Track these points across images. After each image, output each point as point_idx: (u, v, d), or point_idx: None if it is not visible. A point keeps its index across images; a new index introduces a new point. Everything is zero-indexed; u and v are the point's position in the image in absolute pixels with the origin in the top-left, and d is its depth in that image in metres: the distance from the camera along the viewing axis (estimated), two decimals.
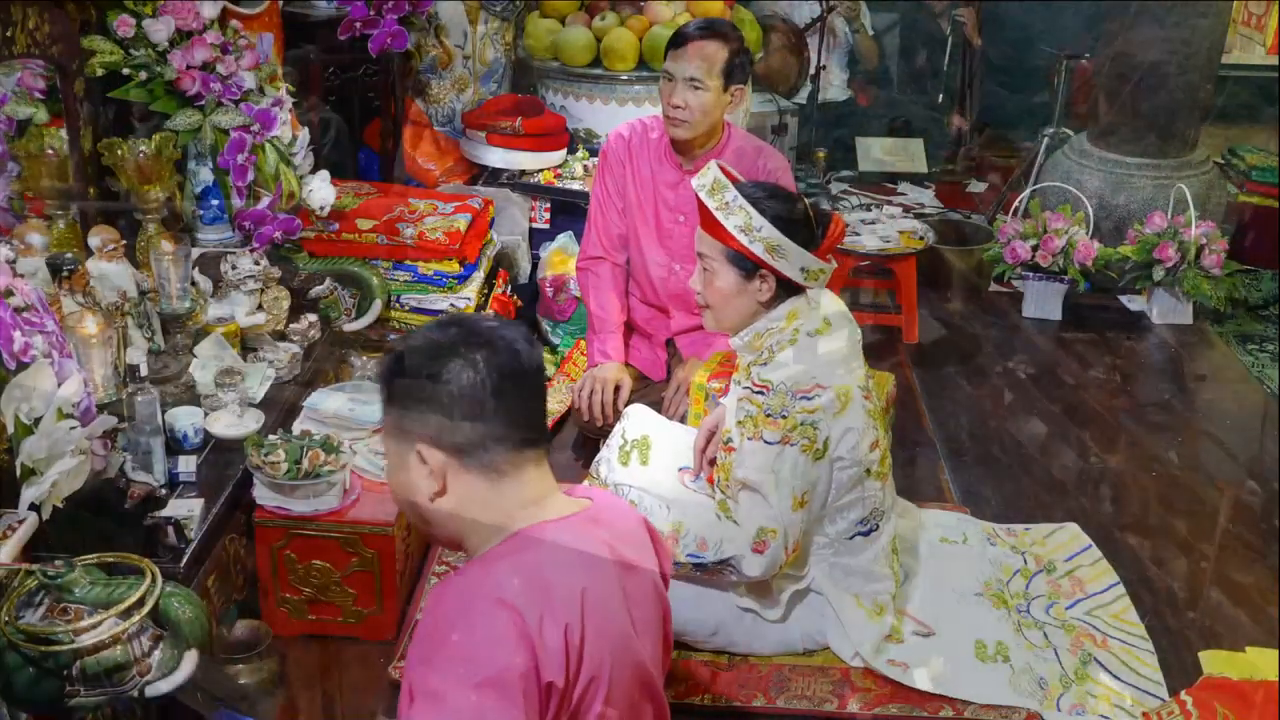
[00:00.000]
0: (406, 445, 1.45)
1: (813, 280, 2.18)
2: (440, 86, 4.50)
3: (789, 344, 2.18)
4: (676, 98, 2.85)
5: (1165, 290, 3.94)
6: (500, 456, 1.45)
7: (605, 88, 4.33)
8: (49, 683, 1.70)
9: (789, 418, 2.10)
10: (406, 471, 1.46)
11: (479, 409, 1.43)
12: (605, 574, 1.48)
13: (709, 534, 2.17)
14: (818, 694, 2.26)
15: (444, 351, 1.44)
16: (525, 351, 1.48)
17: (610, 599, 1.47)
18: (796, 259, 2.14)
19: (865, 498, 2.24)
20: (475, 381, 1.43)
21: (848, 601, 2.28)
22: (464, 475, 1.44)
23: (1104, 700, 2.28)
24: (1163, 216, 3.91)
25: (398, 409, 1.46)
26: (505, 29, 4.57)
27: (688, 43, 2.84)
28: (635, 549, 1.57)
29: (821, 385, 2.12)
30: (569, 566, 1.43)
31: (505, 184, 4.15)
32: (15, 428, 1.77)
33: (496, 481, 1.45)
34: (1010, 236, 3.95)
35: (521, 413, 1.47)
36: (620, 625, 1.47)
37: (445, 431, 1.43)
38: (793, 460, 2.11)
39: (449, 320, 1.52)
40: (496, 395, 1.43)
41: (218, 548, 2.16)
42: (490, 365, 1.43)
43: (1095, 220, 4.05)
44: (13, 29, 2.20)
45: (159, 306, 2.49)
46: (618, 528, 1.56)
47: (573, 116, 4.39)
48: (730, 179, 2.20)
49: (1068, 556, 2.70)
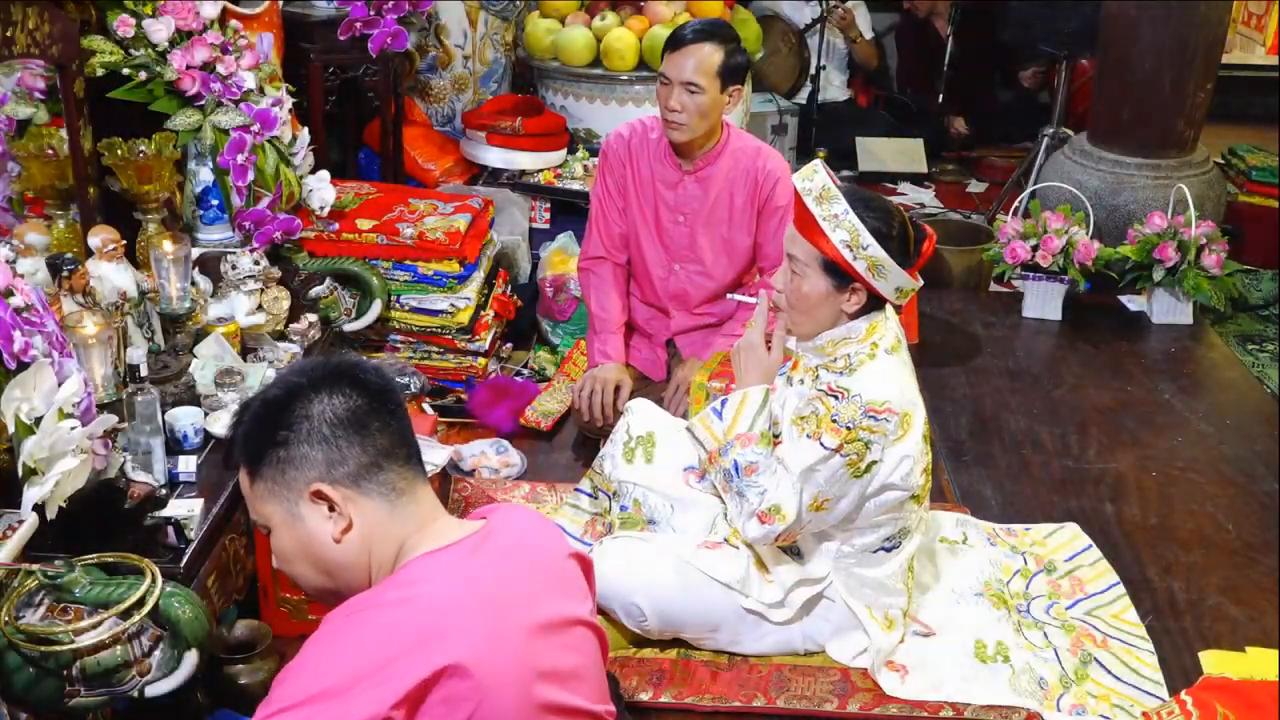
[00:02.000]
0: (294, 498, 1.41)
1: (903, 298, 2.16)
2: (440, 86, 4.51)
3: (868, 358, 2.15)
4: (674, 101, 2.83)
5: (1165, 290, 3.94)
6: (394, 474, 1.42)
7: (605, 87, 4.34)
8: (49, 683, 1.70)
9: (852, 430, 2.09)
10: (300, 525, 1.41)
11: (363, 430, 1.40)
12: (488, 602, 1.37)
13: (765, 474, 2.14)
14: (818, 694, 2.26)
15: (301, 392, 1.42)
16: (374, 368, 1.47)
17: (497, 626, 1.36)
18: (895, 278, 2.11)
19: (900, 518, 2.24)
20: (348, 405, 1.41)
21: (863, 610, 2.28)
22: (365, 502, 1.41)
23: (1104, 700, 2.28)
24: (1163, 216, 3.91)
25: (273, 468, 1.41)
26: (505, 29, 4.57)
27: (684, 45, 2.83)
28: (537, 564, 1.49)
29: (894, 410, 2.10)
30: (450, 602, 1.35)
31: (505, 184, 4.16)
32: (16, 428, 1.77)
33: (395, 501, 1.42)
34: (1010, 236, 3.94)
35: (400, 428, 1.44)
36: (512, 649, 1.37)
37: (335, 463, 1.40)
38: (834, 469, 2.11)
39: (281, 376, 1.47)
40: (372, 413, 1.41)
41: (218, 548, 2.16)
42: (354, 387, 1.42)
43: (1095, 220, 4.06)
44: (12, 29, 2.20)
45: (159, 306, 2.49)
46: (511, 546, 1.46)
47: (573, 116, 4.39)
48: (834, 184, 2.13)
49: (1068, 556, 2.70)
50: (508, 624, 1.38)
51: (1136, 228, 3.94)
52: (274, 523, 1.44)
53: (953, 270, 4.27)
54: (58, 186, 2.58)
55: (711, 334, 3.18)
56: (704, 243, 3.04)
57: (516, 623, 1.39)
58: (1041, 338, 3.89)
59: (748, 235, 3.02)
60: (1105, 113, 4.31)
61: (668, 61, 2.85)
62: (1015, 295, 4.12)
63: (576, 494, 2.72)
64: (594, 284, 3.13)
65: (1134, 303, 4.09)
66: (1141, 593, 2.60)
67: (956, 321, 3.97)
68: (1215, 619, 2.54)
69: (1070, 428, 3.31)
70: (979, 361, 3.71)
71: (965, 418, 3.35)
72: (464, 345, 3.34)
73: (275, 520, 1.44)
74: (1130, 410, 3.42)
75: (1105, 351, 3.79)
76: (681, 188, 3.00)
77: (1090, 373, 3.64)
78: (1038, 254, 3.89)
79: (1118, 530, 2.84)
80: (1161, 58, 4.09)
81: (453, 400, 3.32)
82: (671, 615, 2.25)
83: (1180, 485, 3.04)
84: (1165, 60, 4.09)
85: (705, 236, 3.04)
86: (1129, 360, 3.73)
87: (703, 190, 3.00)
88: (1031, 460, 3.14)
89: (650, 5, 4.32)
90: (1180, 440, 3.26)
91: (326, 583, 1.45)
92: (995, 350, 3.78)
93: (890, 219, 2.12)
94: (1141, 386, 3.56)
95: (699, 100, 2.83)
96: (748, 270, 3.12)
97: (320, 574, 1.45)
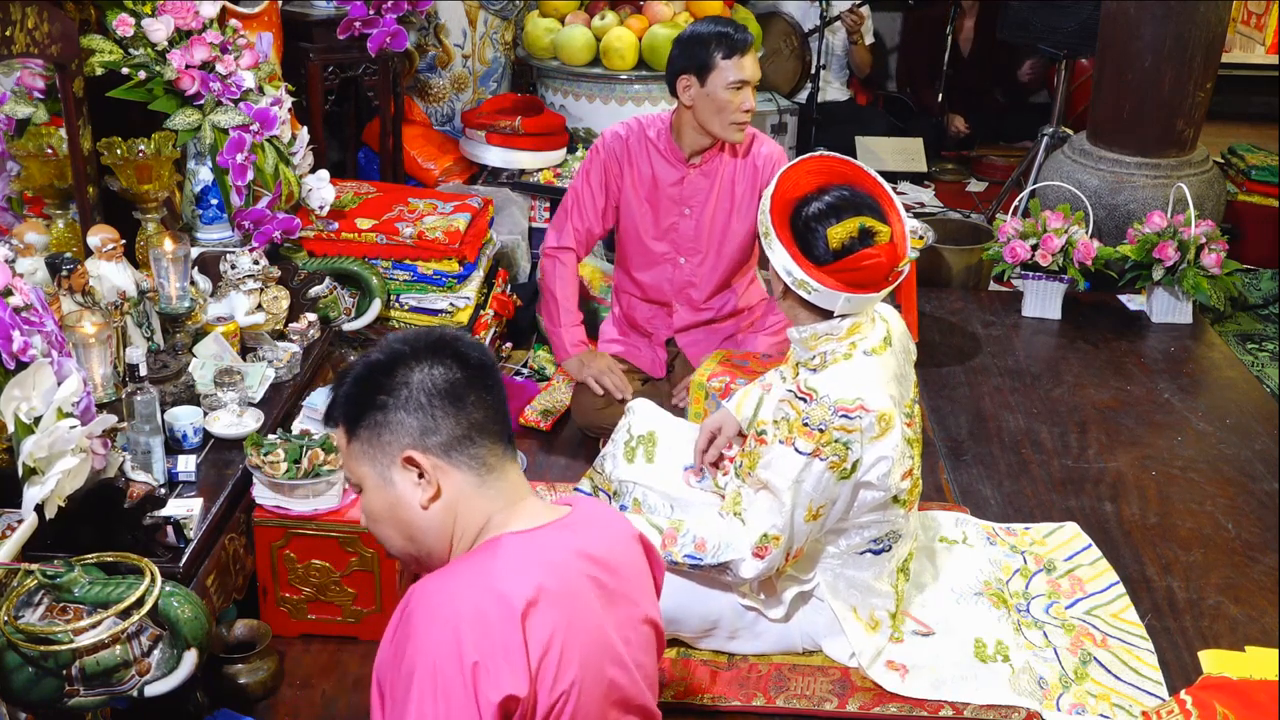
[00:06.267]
0: (386, 462, 1.44)
1: (854, 310, 2.15)
2: (440, 86, 4.50)
3: (843, 358, 2.14)
4: (749, 102, 2.85)
5: (1165, 289, 3.94)
6: (485, 449, 1.45)
7: (604, 87, 4.34)
8: (48, 682, 1.70)
9: (826, 432, 2.06)
10: (390, 488, 1.45)
11: (459, 402, 1.43)
12: (571, 586, 1.43)
13: (709, 535, 2.16)
14: (818, 694, 2.26)
15: (403, 359, 1.45)
16: (476, 343, 1.50)
17: (579, 610, 1.43)
18: (779, 257, 2.11)
19: (885, 520, 2.22)
20: (448, 376, 1.44)
21: (846, 612, 2.27)
22: (454, 473, 1.44)
23: (1104, 700, 2.28)
24: (1162, 216, 3.91)
25: (369, 430, 1.45)
26: (505, 28, 4.57)
27: (748, 47, 2.84)
28: (617, 559, 1.53)
29: (866, 407, 2.07)
30: (532, 578, 1.39)
31: (505, 183, 4.16)
32: (15, 427, 1.77)
33: (484, 476, 1.45)
34: (1010, 236, 3.94)
35: (496, 404, 1.47)
36: (593, 637, 1.43)
37: (429, 431, 1.43)
38: (818, 474, 2.09)
39: (385, 343, 1.51)
40: (470, 386, 1.44)
41: (217, 547, 2.16)
42: (455, 360, 1.45)
43: (1095, 219, 4.06)
44: (12, 28, 2.19)
45: (158, 306, 2.49)
46: (595, 537, 1.52)
47: (572, 116, 4.39)
48: (777, 204, 2.13)
49: (1068, 556, 2.70)
50: (584, 602, 1.44)
51: (1136, 227, 3.94)
52: (366, 484, 1.47)
53: (952, 269, 4.27)
54: (57, 186, 2.58)
55: (711, 331, 3.19)
56: (710, 233, 3.06)
57: (592, 598, 1.45)
58: (1041, 337, 3.89)
59: (748, 221, 3.04)
60: (1105, 112, 4.31)
61: (738, 65, 2.82)
62: (1015, 294, 4.12)
63: (576, 494, 2.72)
64: (560, 274, 3.09)
65: (1134, 302, 4.09)
66: (1141, 592, 2.60)
67: (956, 321, 3.97)
68: (1215, 618, 2.54)
69: (1070, 427, 3.31)
70: (979, 361, 3.71)
71: (965, 417, 3.35)
72: None
73: (367, 482, 1.47)
74: (1130, 410, 3.42)
75: (1105, 351, 3.79)
76: (687, 181, 3.02)
77: (1090, 372, 3.64)
78: (1037, 253, 3.89)
79: (1117, 530, 2.84)
80: (1161, 57, 4.09)
81: None
82: (670, 612, 2.25)
83: (1180, 485, 3.04)
84: (1165, 59, 4.09)
85: (711, 227, 3.05)
86: (1129, 360, 3.73)
87: (708, 181, 3.01)
88: (1031, 460, 3.14)
89: (650, 5, 4.32)
90: (1180, 440, 3.26)
91: (409, 547, 1.49)
92: (995, 349, 3.78)
93: (824, 239, 2.09)
94: (1141, 386, 3.56)
95: (754, 94, 2.88)
96: (748, 259, 3.13)
97: (404, 538, 1.48)
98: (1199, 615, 2.55)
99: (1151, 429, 3.32)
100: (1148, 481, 3.05)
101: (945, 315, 4.00)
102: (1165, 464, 3.13)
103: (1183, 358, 3.76)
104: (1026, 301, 4.01)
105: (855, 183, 2.19)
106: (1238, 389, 3.60)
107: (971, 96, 6.01)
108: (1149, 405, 3.45)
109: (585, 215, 3.08)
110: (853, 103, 6.04)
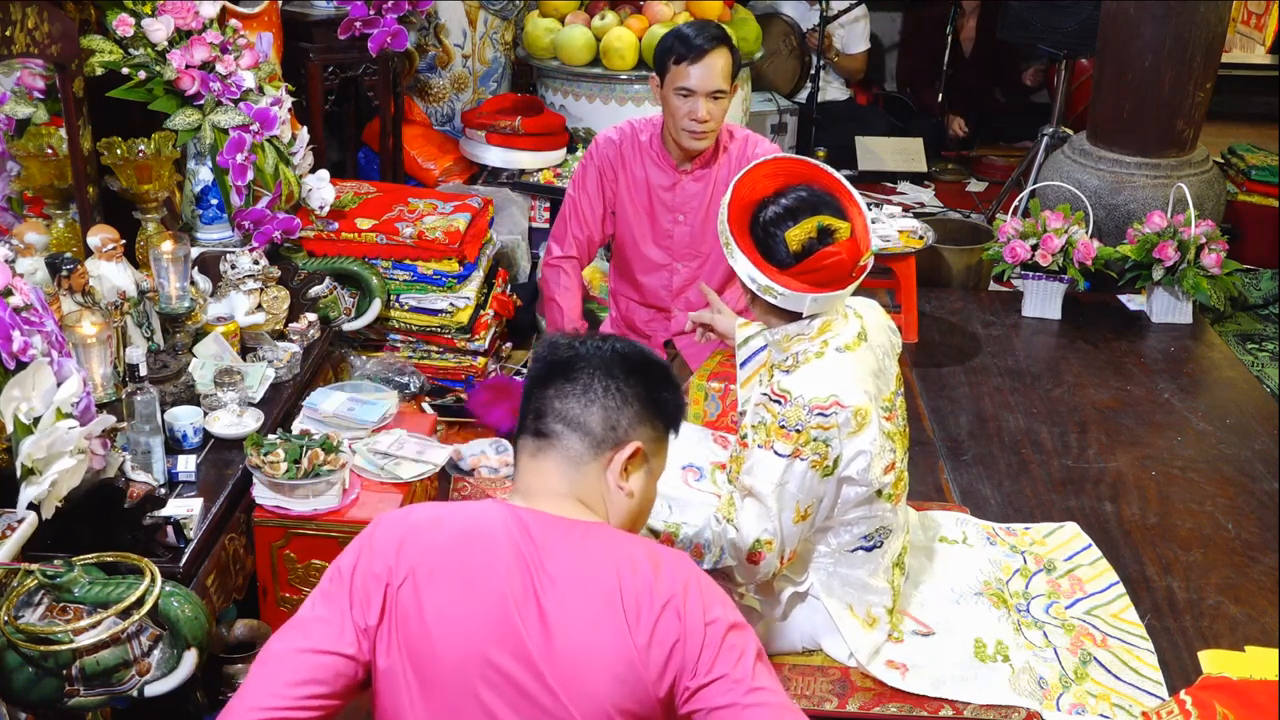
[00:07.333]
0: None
1: (823, 309, 2.14)
2: (440, 86, 4.50)
3: (815, 357, 2.13)
4: (702, 111, 2.79)
5: (1165, 289, 3.94)
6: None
7: (604, 87, 4.34)
8: (48, 682, 1.70)
9: (803, 432, 2.05)
10: (649, 476, 1.58)
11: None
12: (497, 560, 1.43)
13: (705, 542, 2.16)
14: (818, 693, 2.25)
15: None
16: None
17: (478, 579, 1.42)
18: (741, 264, 2.10)
19: (873, 516, 2.21)
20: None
21: (842, 610, 2.27)
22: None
23: (1104, 700, 2.28)
24: (1162, 216, 3.91)
25: (651, 412, 1.55)
26: (505, 28, 4.57)
27: (704, 54, 2.76)
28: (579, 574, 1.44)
29: (841, 404, 2.06)
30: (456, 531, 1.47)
31: (505, 183, 4.16)
32: (14, 427, 1.77)
33: None
34: (1010, 236, 3.94)
35: None
36: (477, 608, 1.41)
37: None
38: (801, 474, 2.08)
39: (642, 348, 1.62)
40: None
41: (217, 547, 2.16)
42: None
43: (1095, 219, 4.06)
44: (12, 28, 2.19)
45: (158, 306, 2.49)
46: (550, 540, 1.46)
47: (572, 116, 4.39)
48: (735, 211, 2.12)
49: (1067, 556, 2.70)
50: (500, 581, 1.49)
51: (1136, 227, 3.94)
52: (650, 467, 1.59)
53: (952, 269, 4.28)
54: (57, 186, 2.58)
55: None
56: (706, 240, 3.05)
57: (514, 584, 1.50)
58: (1041, 337, 3.89)
59: None
60: (1105, 112, 4.31)
61: (684, 73, 2.77)
62: (1015, 294, 4.12)
63: None
64: (564, 283, 3.08)
65: (1133, 302, 4.09)
66: (1141, 592, 2.60)
67: (956, 321, 3.97)
68: (1215, 618, 2.54)
69: (1070, 427, 3.31)
70: (979, 361, 3.71)
71: (965, 417, 3.35)
72: (463, 345, 3.34)
73: (652, 461, 1.59)
74: (1130, 410, 3.42)
75: (1105, 351, 3.79)
76: (680, 188, 3.00)
77: (1090, 372, 3.64)
78: (1037, 253, 3.89)
79: (1117, 530, 2.84)
80: (1161, 57, 4.09)
81: (452, 400, 3.32)
82: None
83: (1180, 485, 3.04)
84: (1165, 59, 4.09)
85: (705, 233, 3.04)
86: (1129, 360, 3.73)
87: (701, 187, 2.99)
88: (1031, 460, 3.14)
89: (650, 5, 4.32)
90: (1180, 440, 3.26)
91: None
92: (995, 349, 3.78)
93: (783, 243, 2.07)
94: (1141, 386, 3.56)
95: (723, 105, 2.82)
96: None
97: None
98: (1199, 615, 2.55)
99: (1151, 429, 3.32)
100: (1148, 481, 3.05)
101: (945, 315, 4.00)
102: (1165, 464, 3.13)
103: (1183, 358, 3.76)
104: (1026, 301, 4.01)
105: (811, 181, 2.16)
106: (1238, 389, 3.60)
107: (971, 96, 6.01)
108: (1149, 405, 3.45)
109: (585, 223, 3.07)
110: (853, 102, 6.04)
